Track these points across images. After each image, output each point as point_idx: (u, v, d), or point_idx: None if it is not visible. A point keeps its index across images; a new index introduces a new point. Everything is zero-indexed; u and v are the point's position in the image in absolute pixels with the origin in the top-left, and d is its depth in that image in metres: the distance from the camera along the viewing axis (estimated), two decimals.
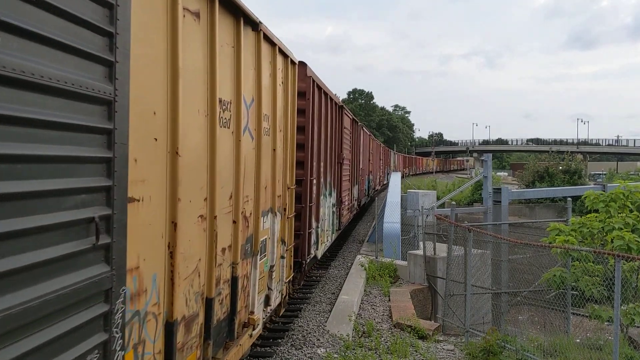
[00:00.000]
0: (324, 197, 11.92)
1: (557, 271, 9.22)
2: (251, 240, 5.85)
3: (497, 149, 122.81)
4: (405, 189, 31.07)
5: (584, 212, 13.01)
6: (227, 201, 5.04)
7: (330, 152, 12.51)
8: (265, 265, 6.57)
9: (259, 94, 5.93)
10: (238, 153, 5.21)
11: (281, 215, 7.28)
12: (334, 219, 13.89)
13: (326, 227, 12.62)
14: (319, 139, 10.81)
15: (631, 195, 10.08)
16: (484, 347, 8.28)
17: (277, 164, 6.84)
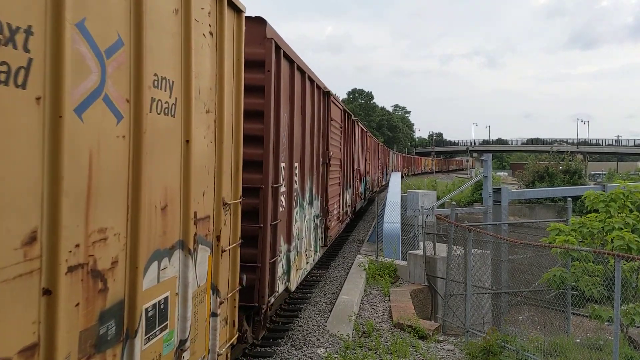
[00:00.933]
0: (301, 209, 8.80)
1: (557, 271, 9.22)
2: (117, 313, 3.07)
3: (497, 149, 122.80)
4: (405, 189, 31.07)
5: (584, 212, 13.03)
6: (18, 249, 2.29)
7: (311, 150, 9.58)
8: (166, 345, 3.72)
9: (139, 31, 3.18)
10: (56, 145, 2.46)
11: (211, 249, 4.57)
12: (317, 234, 10.65)
13: (304, 246, 9.34)
14: (290, 131, 7.85)
15: (631, 195, 10.08)
16: (484, 347, 8.29)
17: (194, 165, 4.05)
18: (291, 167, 7.92)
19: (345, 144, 15.07)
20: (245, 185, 5.76)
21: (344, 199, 15.39)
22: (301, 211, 8.83)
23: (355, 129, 18.16)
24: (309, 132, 9.34)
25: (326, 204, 11.49)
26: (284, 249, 7.65)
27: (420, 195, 20.30)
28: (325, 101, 11.19)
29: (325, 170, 11.29)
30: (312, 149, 9.63)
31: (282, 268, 7.61)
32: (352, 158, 17.26)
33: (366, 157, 24.23)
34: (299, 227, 8.69)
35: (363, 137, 22.76)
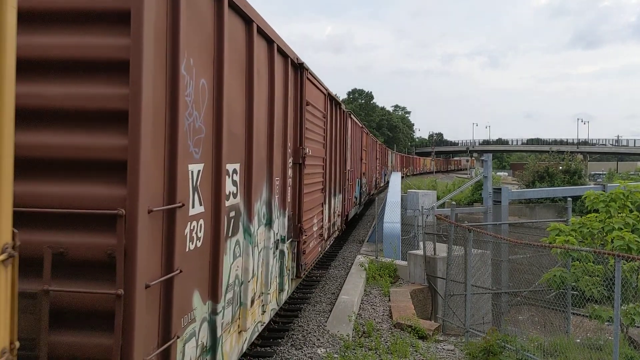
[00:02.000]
0: (246, 236, 5.60)
1: (557, 271, 9.22)
2: None
3: (497, 149, 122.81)
4: (405, 189, 31.07)
5: (584, 212, 13.03)
6: None
7: (270, 144, 6.49)
8: None
9: None
10: None
11: None
12: (283, 264, 7.44)
13: (255, 291, 6.09)
14: (216, 110, 4.64)
15: (631, 195, 10.08)
16: (484, 347, 8.29)
17: None
18: (219, 170, 4.57)
19: (332, 140, 12.06)
20: (69, 210, 3.29)
21: (330, 209, 12.26)
22: (246, 239, 5.56)
23: (347, 122, 15.42)
24: (265, 117, 6.25)
25: (299, 220, 8.21)
26: (202, 311, 4.40)
27: (420, 195, 20.30)
28: (297, 77, 7.91)
29: (298, 173, 8.13)
30: (270, 142, 6.41)
31: (199, 345, 4.35)
32: (343, 157, 14.46)
33: (362, 157, 21.29)
34: (242, 265, 5.46)
35: (358, 133, 19.79)
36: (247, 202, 5.54)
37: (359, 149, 20.20)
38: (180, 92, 3.72)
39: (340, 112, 13.61)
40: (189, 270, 4.01)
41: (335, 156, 12.82)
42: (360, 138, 20.67)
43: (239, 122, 5.31)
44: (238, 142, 5.27)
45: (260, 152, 6.08)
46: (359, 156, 20.28)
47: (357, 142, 19.36)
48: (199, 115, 4.22)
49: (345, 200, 15.41)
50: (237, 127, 5.23)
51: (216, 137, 4.59)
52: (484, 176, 21.36)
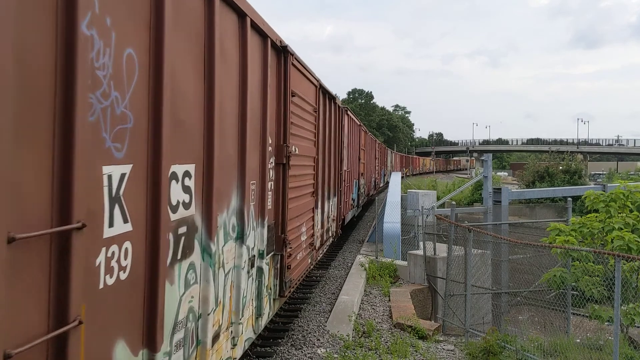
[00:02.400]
0: (204, 256, 4.43)
1: (557, 271, 9.23)
2: None
3: (497, 149, 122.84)
4: (405, 189, 31.06)
5: (584, 212, 13.03)
6: None
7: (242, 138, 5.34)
8: None
9: None
10: None
11: None
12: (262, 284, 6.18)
13: (221, 323, 4.86)
14: (154, 90, 3.44)
15: (631, 195, 10.09)
16: (484, 347, 8.29)
17: None
18: (158, 173, 3.46)
19: (325, 137, 11.01)
20: None
21: (323, 215, 11.17)
22: (206, 261, 4.34)
23: (343, 119, 14.32)
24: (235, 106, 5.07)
25: (283, 230, 6.99)
26: None
27: (420, 195, 20.29)
28: (280, 63, 6.88)
29: (282, 175, 6.95)
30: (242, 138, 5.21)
31: None
32: (339, 157, 13.47)
33: (360, 156, 20.17)
34: (199, 294, 4.28)
35: (355, 131, 18.59)
36: (207, 214, 4.24)
37: (356, 148, 19.04)
38: (79, 60, 2.55)
39: (335, 107, 12.44)
40: (107, 315, 2.90)
41: (330, 155, 11.70)
42: (358, 136, 19.52)
43: (192, 110, 3.99)
44: (191, 136, 3.98)
45: (226, 150, 4.79)
46: (356, 156, 19.13)
47: (354, 141, 18.22)
48: (122, 97, 3.04)
49: (341, 203, 14.26)
50: (189, 116, 3.92)
51: (153, 129, 3.36)
52: (484, 176, 21.35)
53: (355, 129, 18.40)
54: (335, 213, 13.24)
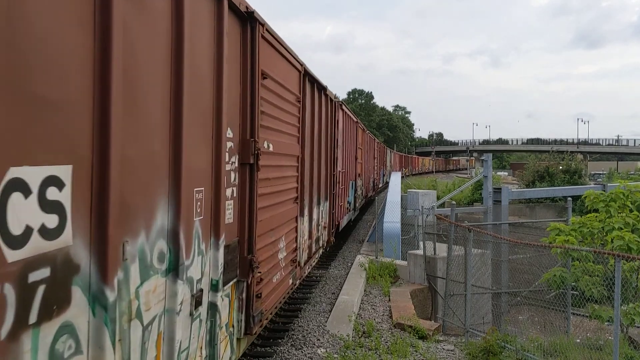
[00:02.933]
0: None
1: (557, 271, 9.23)
2: None
3: (497, 149, 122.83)
4: (405, 188, 31.06)
5: (584, 212, 13.03)
6: None
7: (175, 131, 3.76)
8: None
9: None
10: None
11: None
12: (214, 328, 4.60)
13: None
14: None
15: (631, 195, 10.09)
16: (484, 347, 8.29)
17: None
18: None
19: (313, 133, 9.46)
20: None
21: (311, 223, 9.64)
22: (99, 316, 2.85)
23: (337, 114, 12.62)
24: (167, 78, 3.67)
25: (250, 250, 5.52)
26: None
27: (420, 195, 20.29)
28: (245, 33, 5.48)
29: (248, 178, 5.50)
30: (177, 125, 3.76)
31: None
32: (332, 156, 11.85)
33: (357, 156, 18.80)
34: None
35: (352, 128, 17.06)
36: (100, 241, 2.83)
37: (353, 147, 17.61)
38: None
39: (326, 100, 10.82)
40: None
41: (319, 154, 10.11)
42: (354, 134, 18.03)
43: (66, 77, 2.56)
44: (65, 119, 2.56)
45: (142, 142, 3.31)
46: (353, 155, 17.73)
47: (350, 139, 16.76)
48: None
49: (335, 207, 12.72)
50: (58, 88, 2.50)
51: None
52: (484, 176, 21.35)
53: (351, 126, 16.90)
54: (327, 219, 11.69)
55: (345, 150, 15.32)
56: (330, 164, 11.64)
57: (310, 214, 9.49)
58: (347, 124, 15.52)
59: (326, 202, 11.43)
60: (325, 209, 11.30)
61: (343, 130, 14.55)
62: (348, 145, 16.20)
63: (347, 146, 16.10)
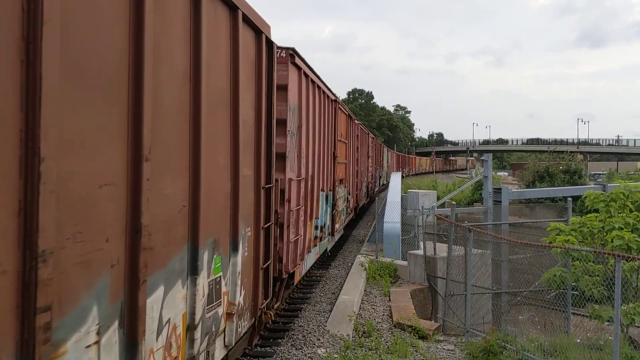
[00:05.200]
0: None
1: (557, 271, 9.23)
2: None
3: (497, 149, 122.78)
4: (405, 188, 31.04)
5: (584, 212, 13.03)
6: None
7: None
8: None
9: None
10: None
11: None
12: None
13: None
14: None
15: (631, 195, 10.09)
16: (484, 347, 8.29)
17: None
18: None
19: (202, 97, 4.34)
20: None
21: None
22: None
23: (300, 83, 8.94)
24: None
25: None
26: None
27: (421, 195, 20.29)
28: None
29: None
30: None
31: None
32: (264, 150, 6.60)
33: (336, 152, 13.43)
34: None
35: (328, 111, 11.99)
36: None
37: (329, 141, 12.28)
38: None
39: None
40: None
41: (234, 154, 5.28)
42: (332, 120, 12.46)
43: None
44: None
45: None
46: (330, 151, 12.52)
47: (328, 130, 11.99)
48: None
49: (262, 257, 6.49)
50: None
51: None
52: (484, 176, 21.35)
53: (326, 107, 11.62)
54: (249, 300, 5.96)
55: (317, 146, 10.67)
56: (261, 165, 6.33)
57: None
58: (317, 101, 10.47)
59: (236, 255, 5.36)
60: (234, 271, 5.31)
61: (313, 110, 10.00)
62: (323, 137, 11.38)
63: (322, 139, 11.20)
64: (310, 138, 10.02)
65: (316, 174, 10.70)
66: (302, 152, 9.10)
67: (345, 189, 16.05)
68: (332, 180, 12.99)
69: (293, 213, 8.52)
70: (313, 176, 10.33)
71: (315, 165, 10.62)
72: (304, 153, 9.33)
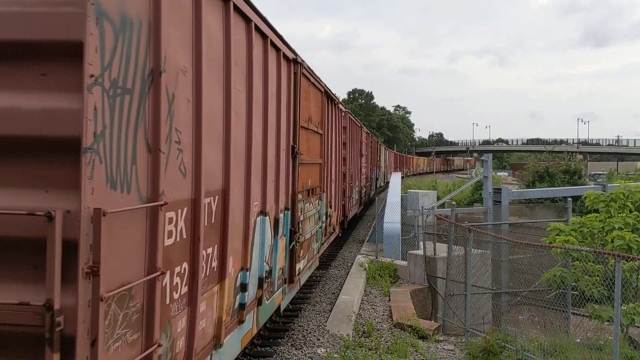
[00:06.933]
0: None
1: (557, 271, 9.23)
2: None
3: (497, 149, 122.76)
4: (405, 189, 31.03)
5: (584, 212, 13.02)
6: None
7: None
8: None
9: None
10: None
11: None
12: None
13: None
14: None
15: (631, 195, 10.09)
16: (484, 347, 8.29)
17: None
18: None
19: None
20: None
21: None
22: None
23: (251, 43, 5.62)
24: None
25: None
26: None
27: (421, 196, 20.29)
28: None
29: None
30: None
31: None
32: None
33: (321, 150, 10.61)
34: None
35: (285, 80, 7.43)
36: None
37: (284, 123, 7.41)
38: None
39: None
40: None
41: None
42: (288, 91, 7.71)
43: None
44: None
45: None
46: (284, 143, 7.48)
47: (271, 100, 6.58)
48: None
49: None
50: None
51: None
52: (484, 176, 21.36)
53: (275, 67, 6.87)
54: None
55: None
56: None
57: None
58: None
59: None
60: None
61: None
62: (239, 108, 5.48)
63: (235, 111, 5.26)
64: (218, 112, 4.76)
65: (238, 185, 5.35)
66: (170, 135, 3.79)
67: (323, 201, 11.14)
68: (288, 192, 7.79)
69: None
70: (227, 191, 4.91)
71: (237, 169, 5.25)
72: (188, 139, 4.13)
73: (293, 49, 7.77)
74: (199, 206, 4.22)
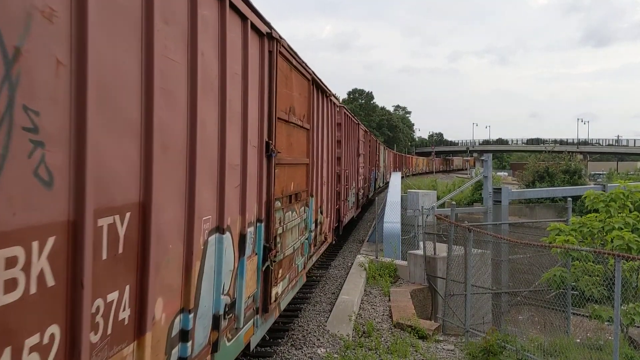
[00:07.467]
0: None
1: (557, 271, 9.23)
2: None
3: (497, 149, 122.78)
4: (405, 189, 31.04)
5: (584, 212, 13.03)
6: None
7: None
8: None
9: None
10: None
11: None
12: None
13: None
14: None
15: (631, 195, 10.09)
16: (484, 347, 8.29)
17: None
18: None
19: None
20: None
21: None
22: None
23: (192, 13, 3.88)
24: None
25: None
26: None
27: (421, 195, 20.29)
28: None
29: None
30: None
31: None
32: None
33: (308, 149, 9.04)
34: None
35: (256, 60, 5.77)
36: None
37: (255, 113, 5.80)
38: None
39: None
40: None
41: None
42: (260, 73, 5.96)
43: None
44: None
45: None
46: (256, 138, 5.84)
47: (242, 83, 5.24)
48: None
49: None
50: None
51: None
52: (484, 176, 21.36)
53: (241, 45, 5.23)
54: None
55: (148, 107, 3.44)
56: None
57: None
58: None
59: None
60: None
61: None
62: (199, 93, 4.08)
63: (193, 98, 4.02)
64: (129, 86, 3.20)
65: (172, 194, 3.84)
66: (10, 117, 2.23)
67: (311, 207, 9.83)
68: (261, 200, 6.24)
69: None
70: (147, 204, 3.41)
71: (169, 171, 3.72)
72: (61, 125, 2.56)
73: (267, 22, 6.13)
74: (82, 231, 2.62)
